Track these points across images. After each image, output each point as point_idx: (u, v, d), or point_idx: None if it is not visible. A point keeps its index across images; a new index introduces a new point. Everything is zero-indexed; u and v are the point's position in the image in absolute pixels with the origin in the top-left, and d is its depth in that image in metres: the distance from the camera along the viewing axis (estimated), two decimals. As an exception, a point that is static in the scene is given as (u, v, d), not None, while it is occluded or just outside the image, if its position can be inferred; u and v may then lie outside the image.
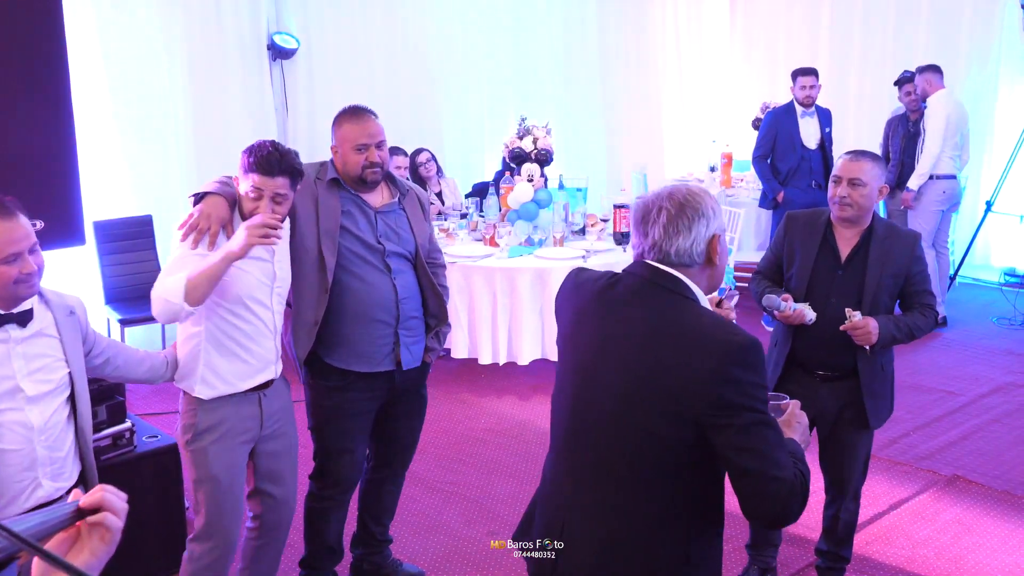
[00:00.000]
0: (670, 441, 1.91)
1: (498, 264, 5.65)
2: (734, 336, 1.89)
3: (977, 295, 7.90)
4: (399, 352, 3.27)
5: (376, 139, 3.21)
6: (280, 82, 7.08)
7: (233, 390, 2.96)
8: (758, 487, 1.86)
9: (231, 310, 2.90)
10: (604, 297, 2.07)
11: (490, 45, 8.34)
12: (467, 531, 4.10)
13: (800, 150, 6.94)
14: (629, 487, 1.98)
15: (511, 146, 6.26)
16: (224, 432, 2.97)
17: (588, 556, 2.03)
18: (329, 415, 3.31)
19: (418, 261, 3.33)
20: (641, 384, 1.93)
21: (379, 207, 3.27)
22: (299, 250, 3.15)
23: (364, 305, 3.19)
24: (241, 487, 3.07)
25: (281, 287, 3.03)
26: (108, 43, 5.97)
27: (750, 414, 1.85)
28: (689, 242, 1.98)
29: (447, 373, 6.04)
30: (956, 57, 8.13)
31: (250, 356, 2.97)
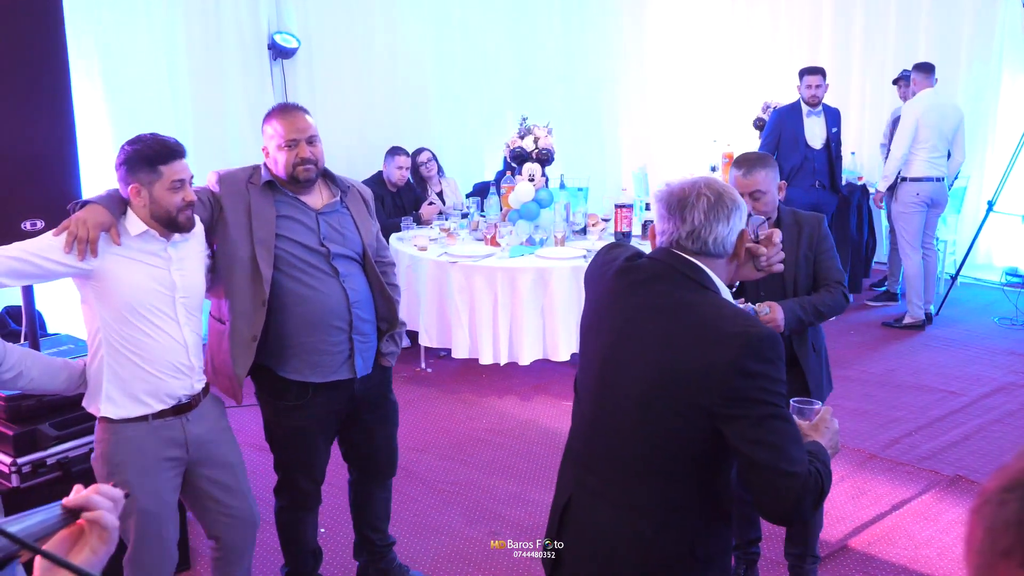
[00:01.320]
0: (684, 433, 1.90)
1: (499, 264, 5.64)
2: (751, 328, 1.87)
3: (979, 295, 7.90)
4: (354, 359, 3.14)
5: (306, 134, 3.03)
6: (281, 82, 7.08)
7: (146, 410, 2.77)
8: (769, 481, 1.84)
9: (124, 320, 2.70)
10: (625, 283, 2.06)
11: (491, 45, 8.34)
12: (469, 531, 4.09)
13: (804, 149, 6.94)
14: (640, 478, 1.98)
15: (512, 146, 6.25)
16: (145, 464, 2.77)
17: (594, 546, 2.03)
18: (289, 434, 3.19)
19: (366, 262, 3.18)
20: (660, 375, 1.92)
21: (320, 208, 3.11)
22: (230, 261, 2.98)
23: (316, 312, 3.04)
24: (171, 512, 2.90)
25: (187, 297, 2.81)
26: (107, 43, 5.96)
27: (764, 407, 1.83)
28: (727, 230, 1.99)
29: (448, 373, 6.03)
30: (957, 56, 8.13)
31: (158, 372, 2.76)
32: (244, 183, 3.05)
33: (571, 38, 8.95)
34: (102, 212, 2.66)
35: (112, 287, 2.68)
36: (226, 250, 2.99)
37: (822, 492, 1.90)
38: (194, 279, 2.86)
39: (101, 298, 2.69)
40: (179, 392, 2.83)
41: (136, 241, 2.71)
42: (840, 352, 6.43)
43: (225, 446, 3.00)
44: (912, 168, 6.82)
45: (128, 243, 2.71)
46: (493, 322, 5.64)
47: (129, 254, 2.70)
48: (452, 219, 6.56)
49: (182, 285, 2.79)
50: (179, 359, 2.80)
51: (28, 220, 3.29)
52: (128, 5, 6.05)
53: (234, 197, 3.01)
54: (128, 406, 2.76)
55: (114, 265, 2.68)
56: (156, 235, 2.73)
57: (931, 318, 7.07)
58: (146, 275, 2.72)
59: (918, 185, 6.82)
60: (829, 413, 2.16)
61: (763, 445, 1.83)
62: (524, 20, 8.58)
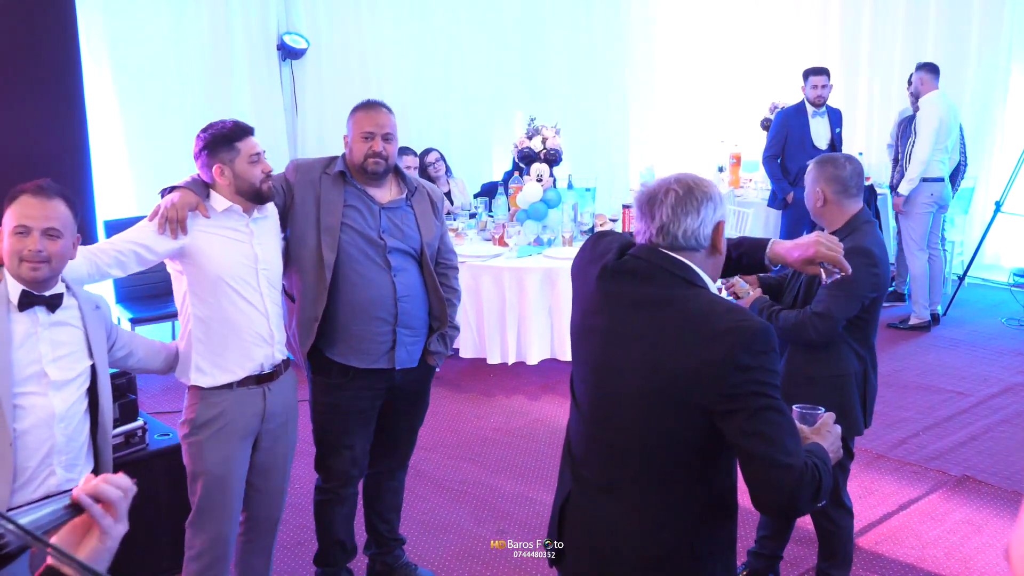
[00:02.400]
0: (681, 430, 1.92)
1: (507, 264, 5.66)
2: (743, 322, 1.88)
3: (986, 295, 7.89)
4: (395, 351, 3.26)
5: (383, 130, 3.22)
6: (290, 82, 7.10)
7: (232, 378, 2.97)
8: (765, 473, 1.84)
9: (214, 294, 2.92)
10: (614, 283, 2.05)
11: (498, 45, 8.35)
12: (477, 530, 4.11)
13: (811, 150, 6.93)
14: (637, 475, 1.99)
15: (520, 146, 6.27)
16: (222, 427, 2.97)
17: (595, 543, 2.06)
18: (327, 411, 3.33)
19: (423, 260, 3.31)
20: (654, 373, 1.93)
21: (385, 203, 3.27)
22: (298, 246, 3.19)
23: (362, 301, 3.19)
24: (239, 482, 3.07)
25: (267, 270, 3.03)
26: (117, 43, 6.00)
27: (759, 399, 1.84)
28: (697, 223, 1.97)
29: (456, 373, 6.05)
30: (965, 57, 8.12)
31: (242, 340, 2.97)
32: (319, 172, 3.24)
33: (579, 39, 8.95)
34: (188, 194, 2.89)
35: (202, 261, 2.90)
36: (296, 234, 3.19)
37: (820, 487, 1.90)
38: (273, 253, 3.08)
39: (193, 273, 2.92)
40: (262, 360, 3.02)
41: (221, 218, 2.94)
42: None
43: (291, 424, 3.20)
44: (929, 169, 6.82)
45: (214, 219, 2.93)
46: (501, 322, 5.66)
47: (215, 230, 2.93)
48: (460, 219, 6.59)
49: (263, 257, 3.01)
50: (262, 328, 3.00)
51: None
52: (138, 6, 6.08)
53: (305, 186, 3.20)
54: (215, 374, 2.97)
55: (202, 241, 2.90)
56: (240, 211, 2.96)
57: (938, 319, 7.07)
58: (231, 248, 2.94)
59: (933, 186, 6.83)
60: (832, 419, 2.16)
61: (759, 437, 1.83)
62: (532, 20, 8.59)
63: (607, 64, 9.16)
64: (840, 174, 3.12)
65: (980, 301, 7.72)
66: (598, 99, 9.09)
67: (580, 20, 8.97)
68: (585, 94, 8.97)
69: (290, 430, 3.20)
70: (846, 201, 3.14)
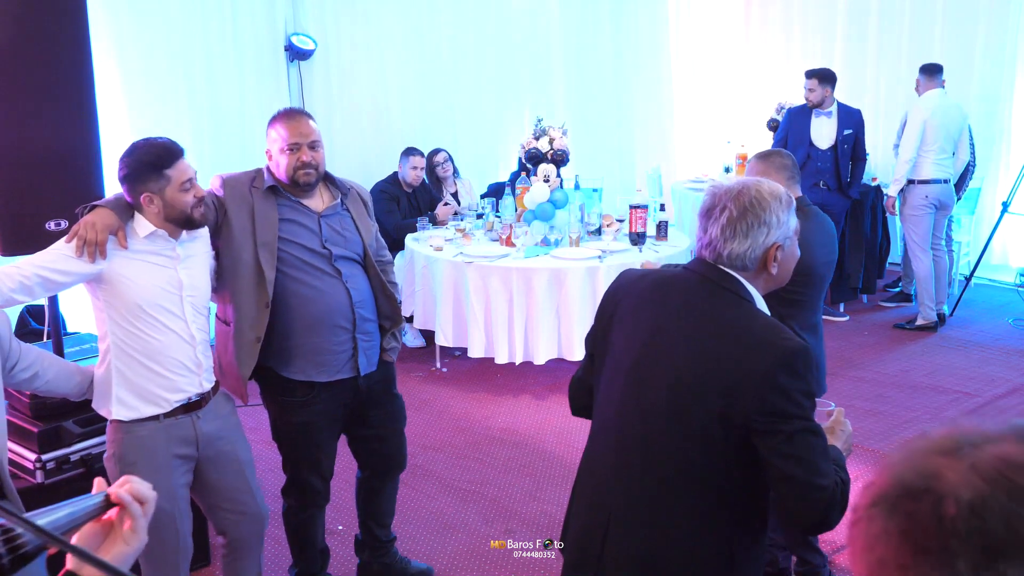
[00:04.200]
0: (717, 441, 1.91)
1: (514, 264, 5.68)
2: (785, 342, 1.87)
3: (993, 296, 7.88)
4: (357, 358, 3.19)
5: (308, 138, 3.08)
6: (297, 83, 7.12)
7: (158, 410, 2.81)
8: (800, 493, 1.86)
9: (133, 321, 2.74)
10: (659, 294, 2.06)
11: (504, 46, 8.36)
12: (485, 529, 4.12)
13: (807, 148, 6.93)
14: (675, 485, 1.98)
15: (527, 147, 6.27)
16: (156, 463, 2.80)
17: (632, 554, 2.03)
18: (296, 431, 3.23)
19: (367, 262, 3.24)
20: (691, 382, 1.92)
21: (322, 211, 3.17)
22: (234, 264, 3.04)
23: (319, 312, 3.09)
24: (184, 510, 2.94)
25: (193, 296, 2.86)
26: (125, 44, 6.01)
27: (797, 421, 1.84)
28: (745, 248, 1.96)
29: (464, 373, 6.07)
30: (971, 57, 8.11)
31: (166, 370, 2.80)
32: (247, 187, 3.11)
33: (585, 39, 8.96)
34: (109, 215, 2.71)
35: (121, 288, 2.73)
36: (230, 253, 3.04)
37: (846, 501, 1.91)
38: (200, 278, 2.92)
39: (110, 300, 2.74)
40: (188, 390, 2.87)
41: (144, 243, 2.77)
42: (854, 353, 6.45)
43: (236, 443, 3.05)
44: (920, 171, 6.81)
45: (136, 245, 2.76)
46: (508, 322, 5.67)
47: (137, 255, 2.75)
48: (467, 219, 6.60)
49: (189, 284, 2.84)
50: (187, 357, 2.85)
51: (52, 221, 3.33)
52: (146, 7, 6.10)
53: (238, 200, 3.06)
54: (139, 407, 2.81)
55: (122, 266, 2.73)
56: (165, 236, 2.78)
57: (944, 319, 7.06)
58: (154, 274, 2.77)
59: (926, 187, 6.81)
60: (842, 415, 2.17)
61: (796, 460, 1.84)
62: (539, 22, 8.60)
63: (614, 65, 9.17)
64: (786, 162, 3.34)
65: (987, 302, 7.70)
66: (605, 99, 9.10)
67: (587, 20, 8.98)
68: (592, 95, 8.98)
69: (237, 449, 3.04)
70: (793, 187, 3.31)
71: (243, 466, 3.06)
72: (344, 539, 3.98)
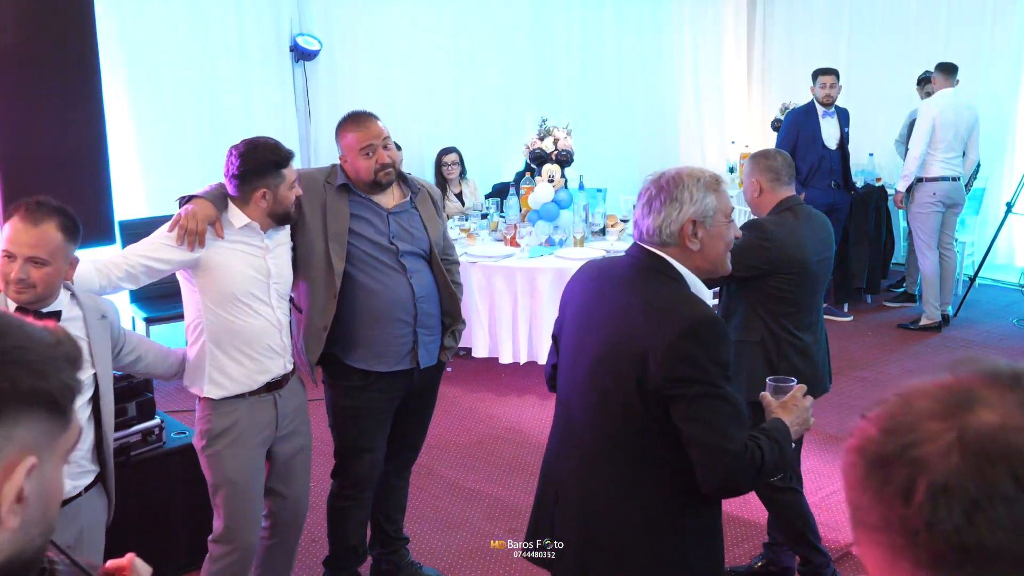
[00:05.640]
0: (637, 411, 2.04)
1: (519, 264, 5.69)
2: (693, 312, 2.01)
3: (997, 296, 7.88)
4: (418, 351, 3.29)
5: (381, 138, 3.20)
6: (302, 83, 7.13)
7: (244, 388, 2.99)
8: (704, 457, 1.98)
9: (225, 306, 2.92)
10: (601, 279, 2.23)
11: (510, 46, 8.37)
12: (489, 528, 4.14)
13: (821, 150, 6.95)
14: (604, 455, 2.13)
15: (532, 147, 6.29)
16: (238, 435, 2.99)
17: (575, 520, 2.19)
18: (348, 414, 3.33)
19: (433, 259, 3.33)
20: (611, 356, 2.07)
21: (391, 208, 3.27)
22: (307, 254, 3.17)
23: (382, 306, 3.20)
24: (260, 489, 3.11)
25: (279, 283, 3.03)
26: (131, 45, 6.03)
27: (701, 387, 1.96)
28: (659, 222, 2.10)
29: (468, 372, 6.08)
30: (977, 58, 8.11)
31: (255, 352, 2.98)
32: (321, 183, 3.23)
33: (590, 40, 8.97)
34: (208, 206, 2.88)
35: (216, 275, 2.90)
36: (304, 244, 3.17)
37: (760, 469, 2.01)
38: (285, 267, 3.09)
39: (205, 287, 2.91)
40: (274, 370, 3.04)
41: (238, 233, 2.93)
42: (857, 353, 6.45)
43: (304, 425, 3.22)
44: (928, 168, 6.81)
45: (230, 235, 2.92)
46: (513, 322, 5.69)
47: (231, 245, 2.92)
48: (472, 220, 6.61)
49: (276, 272, 3.01)
50: (274, 340, 3.02)
51: (60, 220, 3.35)
52: (152, 8, 6.12)
53: (311, 195, 3.17)
54: (229, 386, 2.98)
55: (218, 255, 2.89)
56: (258, 228, 2.95)
57: (948, 319, 7.07)
58: (246, 264, 2.94)
59: (934, 185, 6.82)
60: (801, 392, 2.27)
61: (699, 423, 1.96)
62: (543, 22, 8.61)
63: (618, 65, 9.17)
64: (772, 164, 3.38)
65: (991, 302, 7.71)
66: (609, 100, 9.10)
67: (590, 21, 8.99)
68: (596, 95, 8.99)
69: (304, 432, 3.22)
70: (778, 188, 3.38)
71: (305, 449, 3.24)
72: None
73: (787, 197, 3.37)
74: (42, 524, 0.99)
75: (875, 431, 0.87)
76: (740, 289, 3.34)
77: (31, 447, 0.94)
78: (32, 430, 0.94)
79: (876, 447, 0.85)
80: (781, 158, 3.41)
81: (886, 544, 0.83)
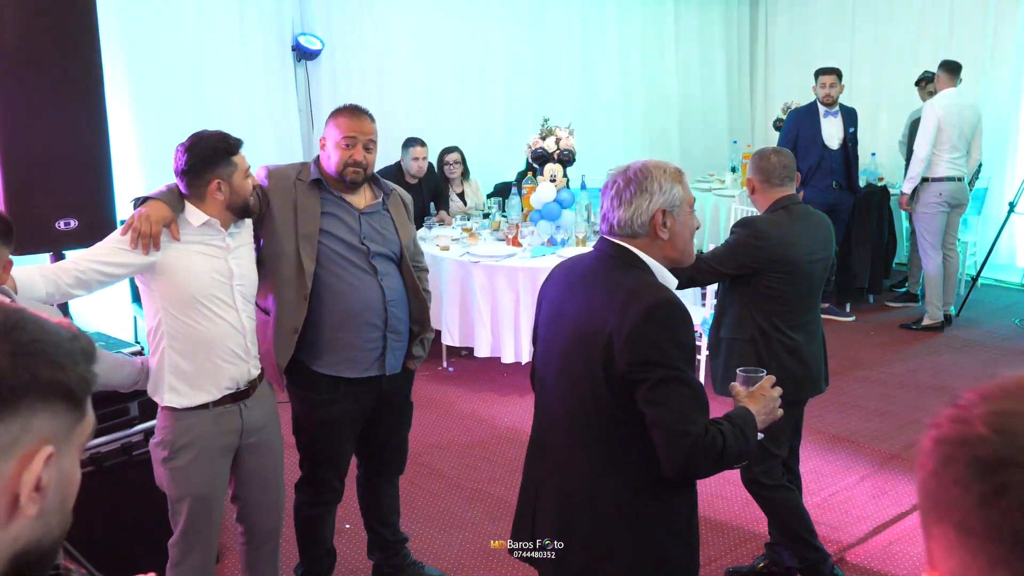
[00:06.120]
0: (605, 399, 2.07)
1: (521, 264, 5.69)
2: (654, 296, 2.05)
3: (999, 296, 7.88)
4: (386, 356, 3.21)
5: (366, 137, 3.13)
6: (304, 83, 7.13)
7: (207, 398, 2.86)
8: (665, 439, 2.01)
9: (185, 311, 2.79)
10: (571, 276, 2.27)
11: (513, 46, 8.37)
12: (492, 528, 4.13)
13: (821, 150, 6.94)
14: (577, 446, 2.16)
15: (534, 146, 6.28)
16: (201, 450, 2.87)
17: (554, 511, 2.23)
18: (318, 426, 3.25)
19: (403, 263, 3.26)
20: (578, 347, 2.12)
21: (363, 208, 3.20)
22: (276, 254, 3.07)
23: (352, 308, 3.12)
24: (222, 496, 3.00)
25: (242, 285, 2.91)
26: (132, 45, 6.03)
27: (663, 370, 1.99)
28: (630, 213, 2.14)
29: (470, 372, 6.08)
30: (980, 58, 8.11)
31: (218, 358, 2.86)
32: (292, 179, 3.15)
33: (592, 39, 8.97)
34: (163, 207, 2.76)
35: (175, 278, 2.78)
36: (272, 243, 3.08)
37: (722, 453, 2.03)
38: (249, 267, 2.97)
39: (164, 291, 2.79)
40: (238, 378, 2.92)
41: (196, 233, 2.81)
42: (860, 353, 6.45)
43: (273, 432, 3.10)
44: (934, 169, 6.80)
45: (188, 236, 2.80)
46: (515, 321, 5.68)
47: (189, 246, 2.80)
48: (474, 219, 6.61)
49: (239, 273, 2.89)
50: (238, 345, 2.90)
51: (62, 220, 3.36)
52: (154, 7, 6.12)
53: (282, 192, 3.10)
54: (190, 395, 2.85)
55: (176, 257, 2.78)
56: (217, 225, 2.83)
57: (951, 320, 7.06)
58: (206, 264, 2.82)
59: (940, 185, 6.80)
60: (770, 383, 2.31)
61: (660, 406, 2.00)
62: (545, 21, 8.60)
63: (620, 64, 9.17)
64: (764, 165, 3.38)
65: (993, 302, 7.70)
66: (609, 99, 9.10)
67: (591, 20, 8.99)
68: (596, 94, 8.99)
69: (274, 439, 3.11)
70: (770, 188, 3.37)
71: (276, 456, 3.13)
72: (352, 538, 3.99)
73: (782, 196, 3.36)
74: (60, 514, 1.01)
75: (986, 431, 0.80)
76: (733, 287, 3.37)
77: (49, 438, 0.96)
78: (50, 421, 0.97)
79: (988, 450, 0.79)
80: (776, 158, 3.38)
81: (981, 551, 0.79)
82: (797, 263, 3.25)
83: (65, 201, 3.35)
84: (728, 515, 4.20)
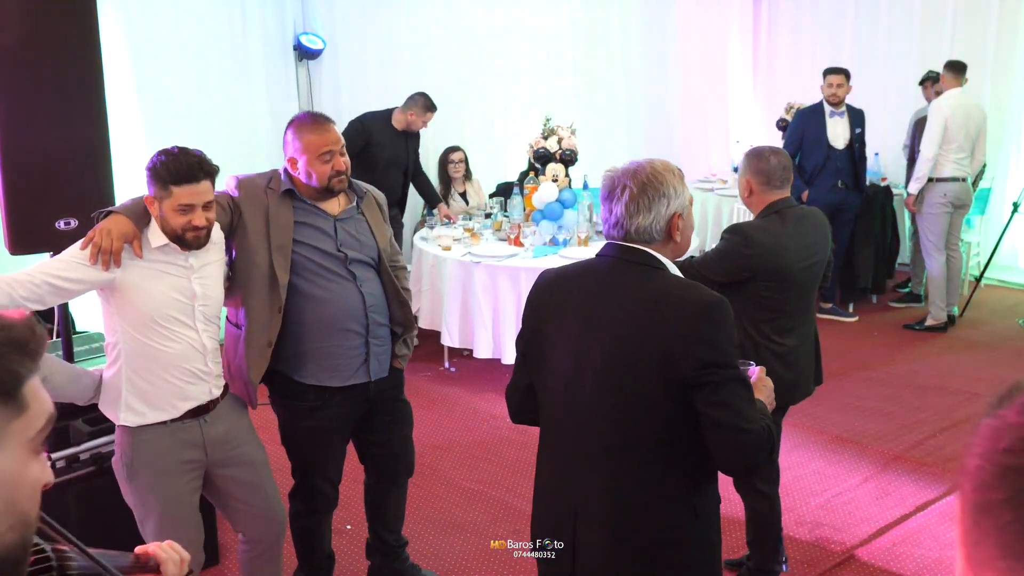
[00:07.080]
0: (658, 404, 2.03)
1: (523, 264, 5.67)
2: (702, 296, 2.03)
3: (1003, 297, 7.86)
4: (370, 362, 3.16)
5: (338, 145, 3.06)
6: (306, 83, 7.13)
7: (164, 416, 2.77)
8: (729, 439, 1.99)
9: (145, 332, 2.70)
10: (580, 287, 2.20)
11: (513, 45, 8.35)
12: (493, 530, 4.12)
13: (826, 149, 6.92)
14: (630, 456, 2.09)
15: (536, 146, 6.27)
16: (162, 467, 2.78)
17: (604, 529, 2.12)
18: (307, 436, 3.21)
19: (382, 266, 3.20)
20: (626, 356, 2.05)
21: (338, 214, 3.13)
22: (248, 267, 2.99)
23: (332, 316, 3.06)
24: (194, 512, 2.89)
25: (206, 305, 2.80)
26: (135, 44, 6.03)
27: (724, 371, 1.98)
28: (649, 221, 2.10)
29: (471, 373, 6.07)
30: (982, 57, 8.08)
31: (175, 379, 2.76)
32: (263, 189, 3.07)
33: (594, 39, 8.96)
34: (125, 222, 2.66)
35: (134, 298, 2.68)
36: (244, 256, 3.00)
37: (773, 445, 2.08)
38: (215, 287, 2.87)
39: (122, 308, 2.70)
40: (198, 397, 2.83)
41: (157, 253, 2.71)
42: (863, 353, 6.43)
43: (246, 445, 3.00)
44: (940, 169, 6.77)
45: (150, 255, 2.70)
46: (516, 322, 5.65)
47: (151, 265, 2.70)
48: (476, 219, 6.60)
49: (202, 294, 2.79)
50: (197, 365, 2.81)
51: (62, 220, 3.34)
52: (156, 7, 6.12)
53: (253, 202, 3.02)
54: (147, 413, 2.77)
55: (136, 276, 2.68)
56: (177, 248, 2.72)
57: (954, 320, 7.04)
58: (167, 285, 2.72)
59: (945, 186, 6.78)
60: (763, 372, 2.32)
61: (724, 407, 1.98)
62: (547, 21, 8.59)
63: (623, 64, 9.16)
64: (763, 167, 3.29)
65: (997, 303, 7.68)
66: (612, 99, 9.09)
67: (595, 20, 8.97)
68: (599, 94, 8.98)
69: (249, 450, 3.00)
70: (768, 191, 3.29)
71: (256, 468, 3.02)
72: (352, 539, 3.98)
73: (777, 200, 3.27)
74: (9, 517, 0.93)
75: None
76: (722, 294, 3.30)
77: None
78: None
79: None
80: (776, 159, 3.28)
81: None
82: (787, 271, 3.18)
83: (65, 201, 3.32)
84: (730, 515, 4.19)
